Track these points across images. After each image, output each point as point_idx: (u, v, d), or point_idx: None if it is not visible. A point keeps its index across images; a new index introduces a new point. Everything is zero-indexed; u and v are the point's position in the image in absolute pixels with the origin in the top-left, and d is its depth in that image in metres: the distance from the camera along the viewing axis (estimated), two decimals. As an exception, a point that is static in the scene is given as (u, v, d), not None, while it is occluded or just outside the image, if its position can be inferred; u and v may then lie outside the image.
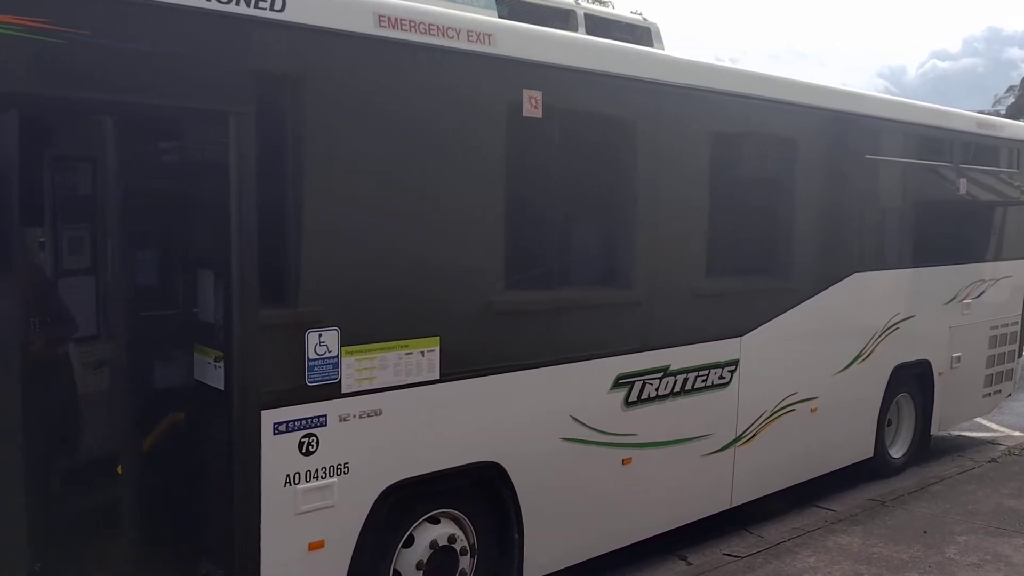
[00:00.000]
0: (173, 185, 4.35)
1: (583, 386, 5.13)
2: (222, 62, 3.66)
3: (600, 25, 5.68)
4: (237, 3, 3.62)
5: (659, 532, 5.76)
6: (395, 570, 4.45)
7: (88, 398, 5.27)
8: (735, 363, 6.03)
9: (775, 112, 6.22)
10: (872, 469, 7.65)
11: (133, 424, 4.08)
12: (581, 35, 5.43)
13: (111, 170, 5.35)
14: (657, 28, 6.13)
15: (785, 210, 6.50)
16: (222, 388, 3.94)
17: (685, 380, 5.69)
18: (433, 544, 4.55)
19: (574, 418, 5.07)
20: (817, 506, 7.13)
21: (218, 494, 3.96)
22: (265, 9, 3.70)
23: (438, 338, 4.41)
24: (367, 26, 4.05)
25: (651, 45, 5.99)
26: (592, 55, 5.09)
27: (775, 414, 6.39)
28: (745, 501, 6.34)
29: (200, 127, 3.88)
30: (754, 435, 6.25)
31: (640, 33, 6.00)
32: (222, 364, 3.96)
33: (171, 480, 4.19)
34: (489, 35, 4.49)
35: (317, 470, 4.03)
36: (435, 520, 4.61)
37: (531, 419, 4.85)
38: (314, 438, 4.01)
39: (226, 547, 3.93)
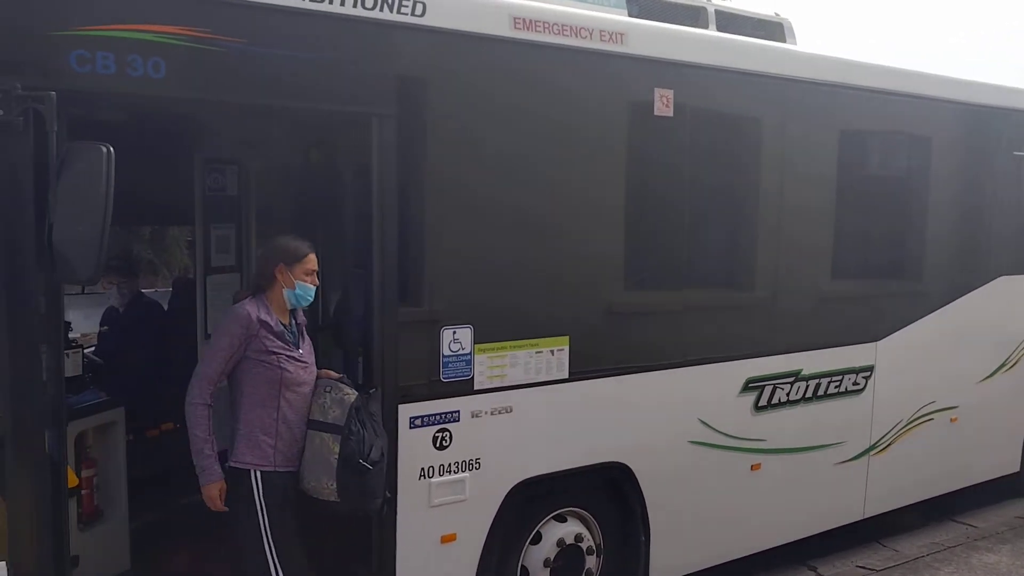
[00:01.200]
0: (315, 186, 4.53)
1: (712, 389, 5.06)
2: (366, 66, 3.78)
3: (731, 21, 5.55)
4: (381, 9, 3.74)
5: (788, 541, 5.61)
6: (523, 566, 4.50)
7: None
8: (870, 369, 5.81)
9: (914, 108, 5.96)
10: (1017, 485, 7.20)
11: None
12: (712, 32, 5.34)
13: (256, 172, 5.67)
14: (790, 24, 5.95)
15: (925, 210, 6.21)
16: (360, 382, 4.08)
17: (817, 385, 5.52)
18: (560, 542, 4.57)
19: (702, 421, 5.00)
20: (956, 521, 6.79)
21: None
22: (407, 14, 3.81)
23: (567, 337, 4.43)
24: (503, 28, 4.11)
25: (783, 41, 5.82)
26: (723, 52, 5.00)
27: (912, 423, 6.12)
28: (878, 512, 6.10)
29: (343, 130, 4.02)
30: (889, 444, 6.00)
31: (772, 29, 5.83)
32: (360, 359, 4.10)
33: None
34: (621, 34, 4.48)
35: (450, 464, 4.12)
36: (562, 519, 4.63)
37: (659, 421, 4.81)
38: (447, 433, 4.10)
39: (363, 536, 4.06)
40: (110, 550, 4.63)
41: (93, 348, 6.03)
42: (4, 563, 3.14)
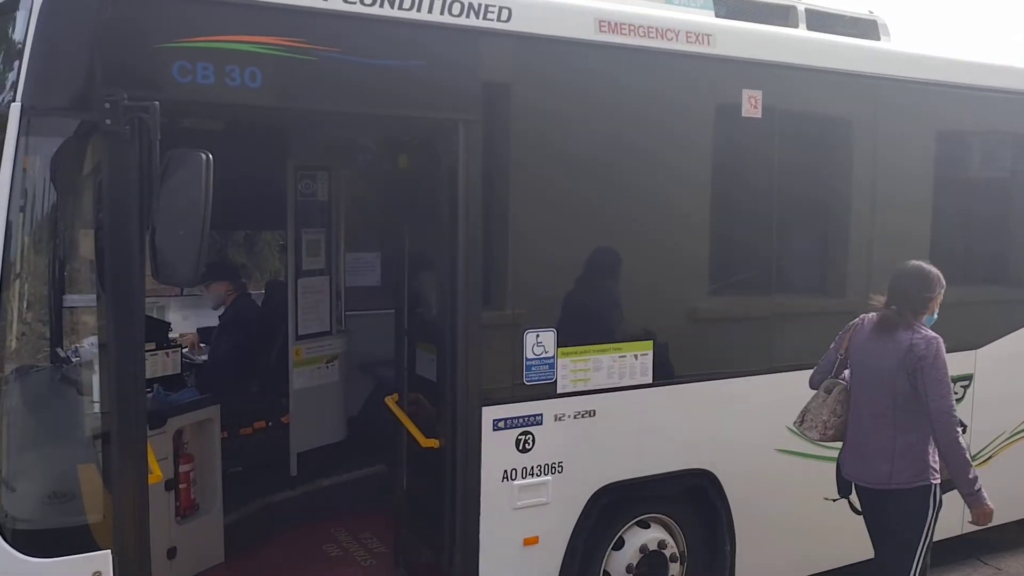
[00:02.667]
0: (402, 191, 4.60)
1: (800, 396, 4.91)
2: (453, 72, 3.84)
3: (822, 20, 5.41)
4: (467, 15, 3.79)
5: (880, 555, 5.42)
6: (605, 571, 4.47)
7: (323, 389, 5.72)
8: (969, 378, 5.56)
9: (1018, 105, 5.70)
10: None
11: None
12: (801, 31, 5.22)
13: (345, 178, 5.81)
14: (884, 22, 5.77)
15: (1029, 213, 5.93)
16: (437, 381, 4.14)
17: (912, 394, 5.33)
18: (643, 548, 4.52)
19: (791, 429, 4.87)
20: (1065, 540, 6.43)
21: (438, 486, 4.15)
22: (493, 20, 3.85)
23: (651, 342, 4.40)
24: (588, 32, 4.11)
25: (877, 39, 5.65)
26: (813, 52, 4.89)
27: (1016, 435, 5.84)
28: (978, 528, 5.83)
29: (429, 135, 4.08)
30: (990, 457, 5.73)
31: (865, 27, 5.66)
32: (440, 359, 4.15)
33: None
34: (708, 35, 4.43)
35: (533, 467, 4.13)
36: (645, 524, 4.59)
37: (745, 428, 4.71)
38: (530, 436, 4.12)
39: (446, 536, 4.11)
40: (205, 543, 4.81)
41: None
42: (108, 552, 3.30)
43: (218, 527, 4.90)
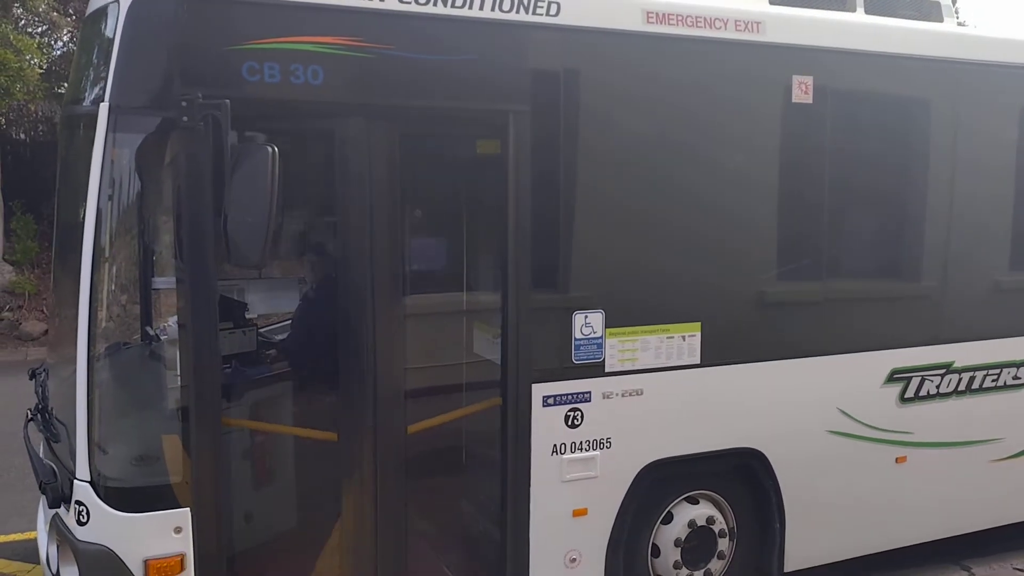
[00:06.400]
0: (456, 180, 4.81)
1: (852, 379, 4.97)
2: (504, 66, 4.03)
3: (881, 3, 5.39)
4: (517, 11, 3.98)
5: (936, 538, 5.42)
6: (654, 544, 4.64)
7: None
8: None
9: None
10: None
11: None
12: (855, 15, 5.21)
13: (401, 168, 6.03)
14: (948, 3, 5.69)
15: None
16: (499, 362, 4.35)
17: (971, 379, 5.30)
18: (691, 523, 4.67)
19: (842, 411, 4.93)
20: None
21: (493, 458, 4.37)
22: (542, 15, 4.03)
23: (699, 324, 4.52)
24: (636, 23, 4.24)
25: (940, 21, 5.58)
26: (864, 35, 4.90)
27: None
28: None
29: (481, 127, 4.27)
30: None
31: (928, 9, 5.60)
32: (499, 340, 4.37)
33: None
34: (758, 23, 4.50)
35: (581, 442, 4.32)
36: (694, 500, 4.73)
37: (795, 409, 4.80)
38: (579, 412, 4.30)
39: (500, 506, 4.33)
40: (279, 510, 5.13)
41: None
42: (188, 509, 3.63)
43: (291, 495, 5.21)
